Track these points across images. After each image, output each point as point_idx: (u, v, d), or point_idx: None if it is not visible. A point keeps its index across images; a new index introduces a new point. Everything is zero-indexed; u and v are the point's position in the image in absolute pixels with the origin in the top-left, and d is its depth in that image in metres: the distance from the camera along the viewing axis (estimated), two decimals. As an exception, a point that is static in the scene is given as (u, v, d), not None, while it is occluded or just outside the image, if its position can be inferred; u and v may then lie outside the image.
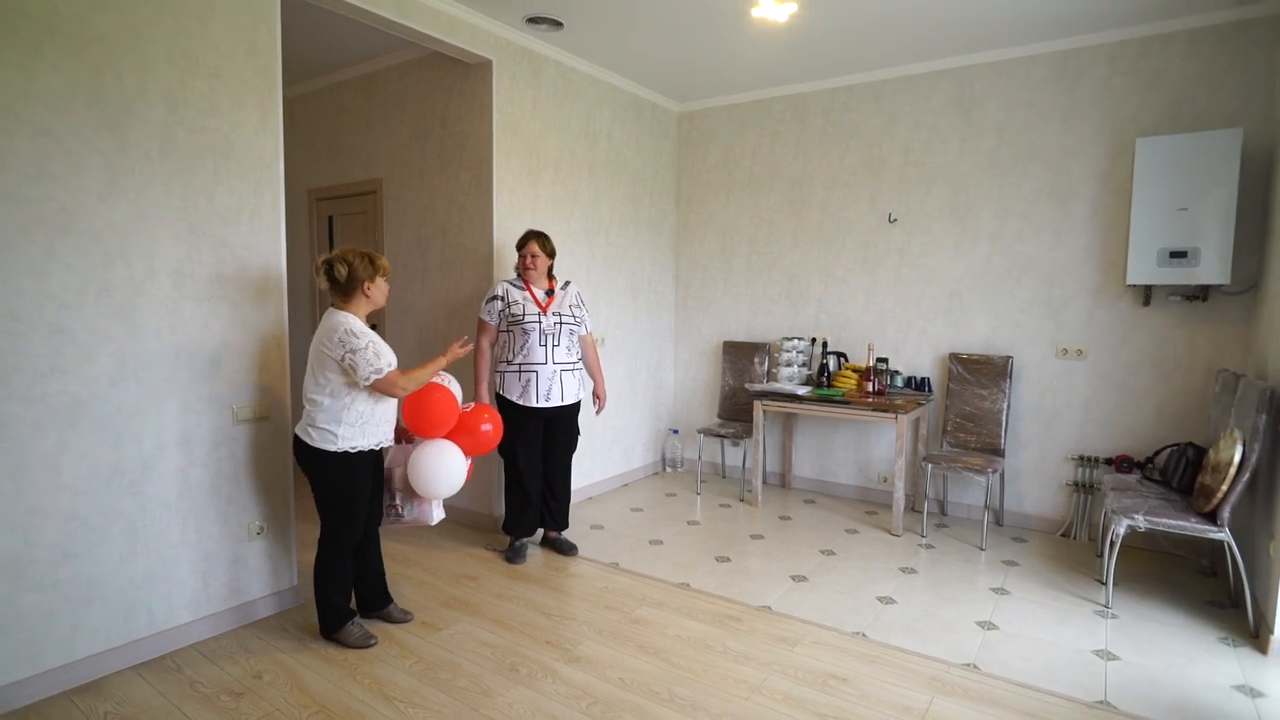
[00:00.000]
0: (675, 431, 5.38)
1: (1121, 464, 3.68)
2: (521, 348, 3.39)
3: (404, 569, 3.41)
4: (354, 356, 2.44)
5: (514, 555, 3.54)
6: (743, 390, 4.95)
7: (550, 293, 3.51)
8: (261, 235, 2.79)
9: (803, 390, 4.31)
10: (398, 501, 2.88)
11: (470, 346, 2.83)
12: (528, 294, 3.44)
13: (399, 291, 4.33)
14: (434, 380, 2.86)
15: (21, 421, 2.21)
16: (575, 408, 3.61)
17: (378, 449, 2.65)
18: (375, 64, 4.32)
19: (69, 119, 2.26)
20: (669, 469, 5.39)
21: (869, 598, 3.14)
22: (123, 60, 2.37)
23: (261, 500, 2.86)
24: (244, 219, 2.74)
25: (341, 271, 2.51)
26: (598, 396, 3.80)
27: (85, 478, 2.36)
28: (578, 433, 3.69)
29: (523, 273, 3.46)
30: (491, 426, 2.96)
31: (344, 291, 2.56)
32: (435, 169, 4.08)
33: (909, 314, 4.46)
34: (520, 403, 3.39)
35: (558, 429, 3.57)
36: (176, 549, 2.61)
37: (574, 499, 4.52)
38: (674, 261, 5.41)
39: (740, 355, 5.05)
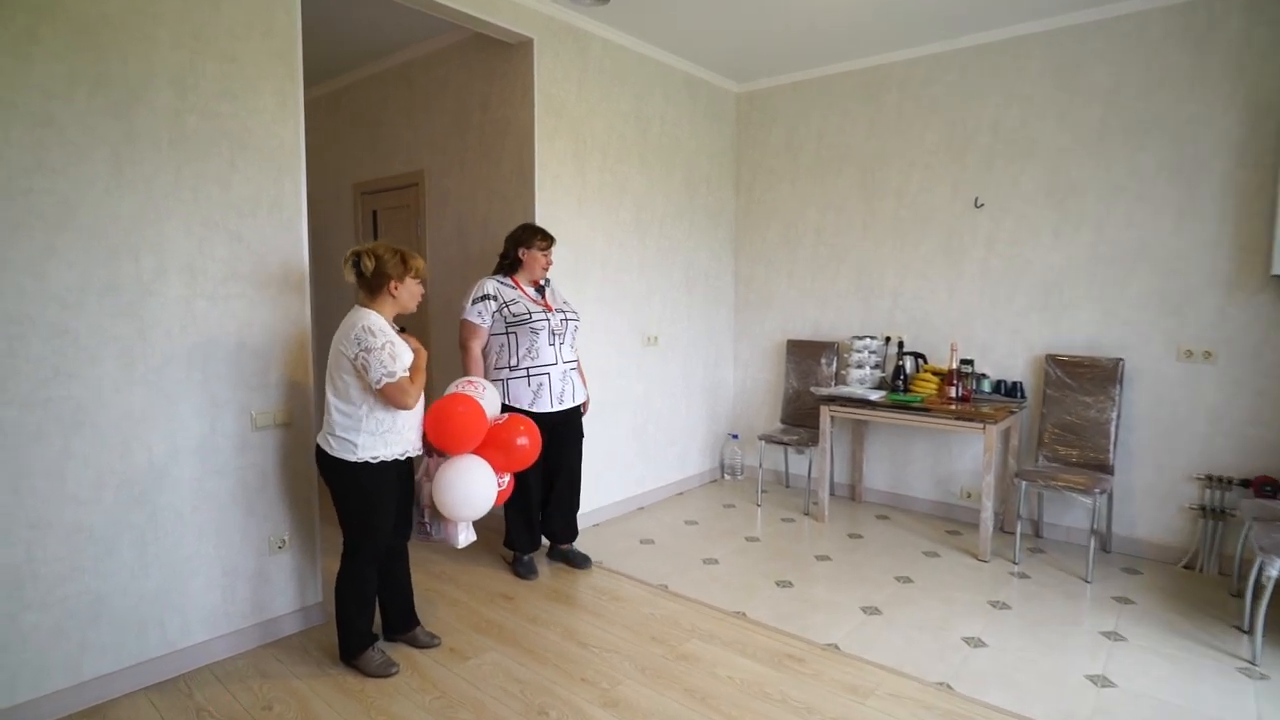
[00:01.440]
0: (734, 436, 5.03)
1: (1263, 487, 3.11)
2: (529, 350, 3.11)
3: (439, 585, 3.20)
4: (368, 356, 2.21)
5: (524, 570, 3.29)
6: (808, 393, 4.55)
7: (540, 290, 3.22)
8: (282, 228, 2.61)
9: (875, 395, 3.88)
10: (426, 519, 2.65)
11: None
12: (520, 292, 3.15)
13: (439, 287, 4.13)
14: (460, 390, 2.62)
15: (22, 428, 2.07)
16: (579, 410, 3.33)
17: (404, 459, 2.41)
18: (416, 50, 4.13)
19: (71, 107, 2.11)
20: (728, 476, 5.04)
21: (954, 638, 2.72)
22: (128, 43, 2.21)
23: (285, 511, 2.68)
24: (262, 211, 2.56)
25: (368, 265, 2.29)
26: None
27: (91, 487, 2.21)
28: (583, 436, 3.40)
29: (534, 272, 3.15)
30: (529, 440, 2.68)
31: (370, 287, 2.34)
32: (476, 158, 3.86)
33: (999, 310, 3.96)
34: (533, 410, 3.11)
35: (566, 433, 3.29)
36: (192, 562, 2.45)
37: (623, 509, 4.24)
38: (733, 254, 5.05)
39: (805, 355, 4.64)
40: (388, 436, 2.34)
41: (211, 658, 2.51)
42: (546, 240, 3.15)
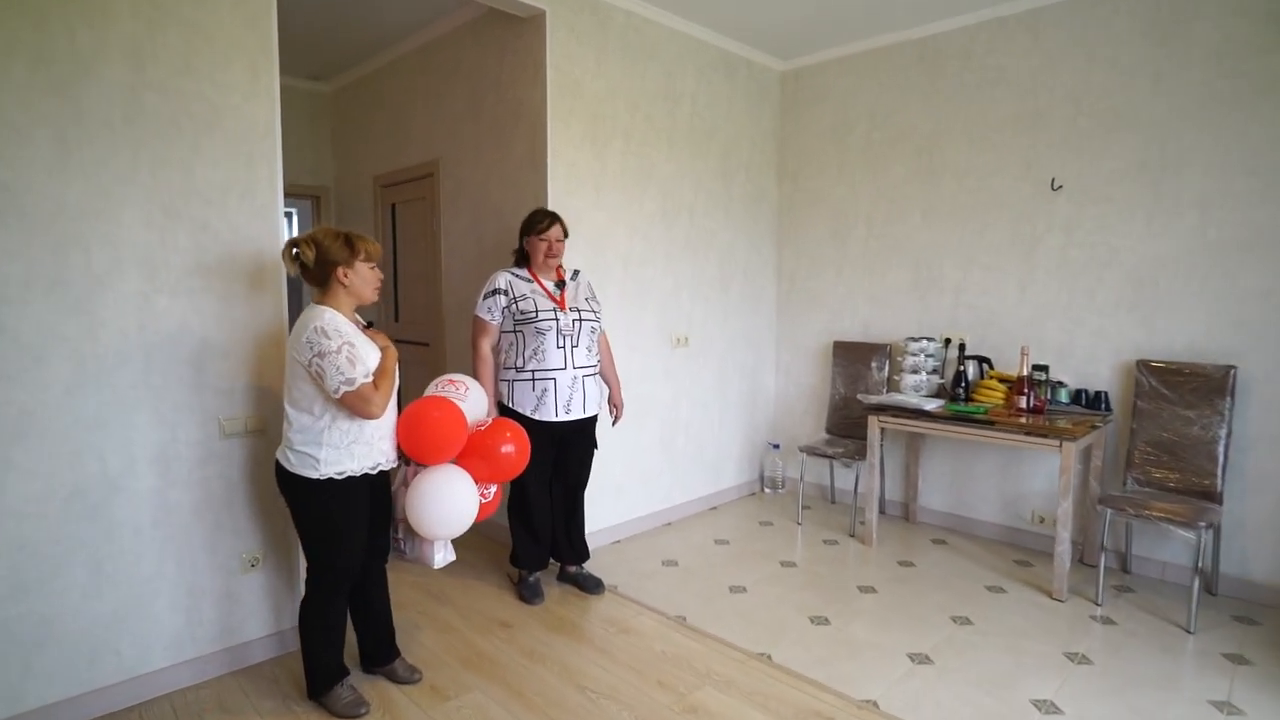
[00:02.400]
0: (775, 446, 4.61)
1: None
2: (535, 351, 2.81)
3: (433, 605, 2.93)
4: (322, 362, 1.94)
5: (528, 593, 2.98)
6: (856, 401, 4.11)
7: (561, 285, 2.90)
8: (255, 217, 2.38)
9: (932, 404, 3.42)
10: (399, 534, 2.38)
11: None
12: (536, 286, 2.85)
13: (454, 282, 3.89)
14: (438, 391, 2.33)
15: (-47, 436, 1.89)
16: (594, 420, 3.00)
17: (375, 472, 2.14)
18: (432, 31, 3.89)
19: (7, 82, 1.91)
20: (767, 489, 4.63)
21: (1021, 699, 2.28)
22: (73, 10, 2.00)
23: (257, 527, 2.46)
24: (232, 199, 2.33)
25: (308, 254, 2.02)
26: (614, 405, 3.16)
27: (36, 501, 2.02)
28: (595, 448, 3.06)
29: (537, 262, 2.86)
30: (514, 448, 2.38)
31: (317, 279, 2.07)
32: (490, 142, 3.58)
33: (1078, 308, 3.44)
34: (536, 417, 2.81)
35: (574, 446, 2.97)
36: (152, 583, 2.24)
37: (648, 525, 3.89)
38: (775, 247, 4.63)
39: (854, 358, 4.20)
40: (354, 449, 2.07)
41: (172, 686, 2.30)
42: (545, 221, 2.84)
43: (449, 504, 2.19)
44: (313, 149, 4.85)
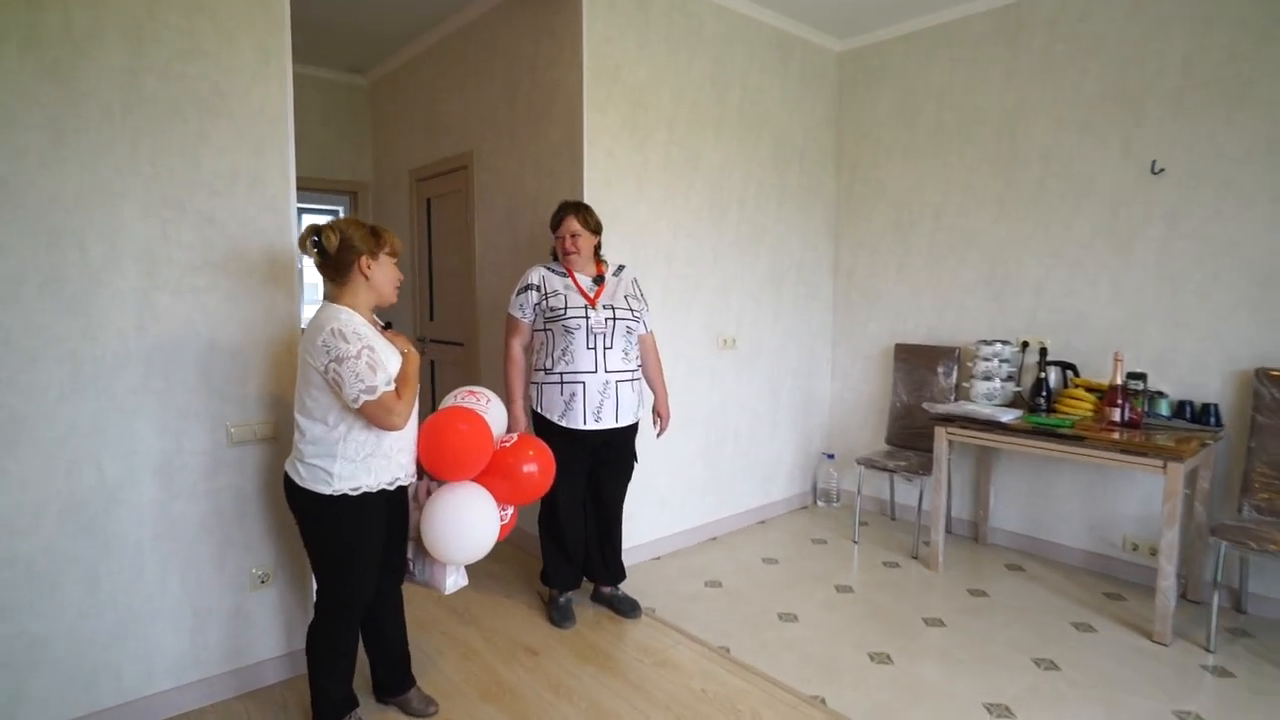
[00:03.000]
0: (830, 456, 4.28)
1: None
2: (564, 352, 2.57)
3: (457, 626, 2.74)
4: (339, 368, 1.75)
5: (558, 616, 2.75)
6: (921, 410, 3.75)
7: (599, 280, 2.66)
8: (265, 208, 2.21)
9: (1009, 416, 3.05)
10: (409, 554, 2.18)
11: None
12: (570, 282, 2.62)
13: (488, 278, 3.70)
14: (460, 402, 2.12)
15: (-60, 444, 1.77)
16: (632, 430, 2.73)
17: (392, 488, 1.94)
18: (468, 14, 3.70)
19: (-2, 63, 1.78)
20: (820, 503, 4.30)
21: (1123, 772, 1.93)
22: (68, -14, 1.86)
23: (268, 541, 2.30)
24: (240, 189, 2.17)
25: (331, 240, 1.83)
26: (659, 414, 2.88)
27: (29, 513, 1.89)
28: (634, 461, 2.81)
29: (562, 257, 2.64)
30: (538, 468, 2.14)
31: (336, 271, 1.88)
32: (525, 129, 3.37)
33: (1184, 309, 3.01)
34: (562, 424, 2.58)
35: (609, 459, 2.73)
36: (154, 601, 2.10)
37: (691, 539, 3.63)
38: (832, 242, 4.30)
39: (918, 363, 3.84)
40: (371, 463, 1.87)
41: (175, 710, 2.15)
42: (559, 214, 2.62)
43: (470, 527, 1.98)
44: (352, 144, 4.75)
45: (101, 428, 1.98)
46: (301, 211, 7.52)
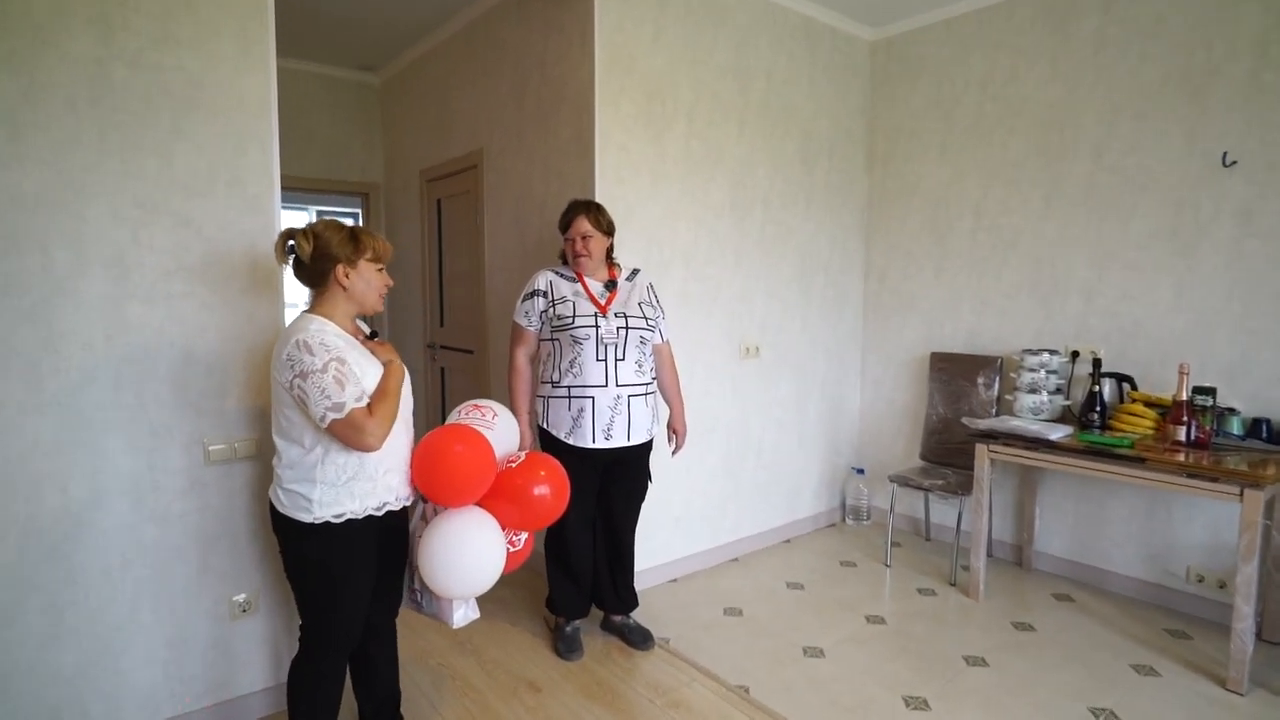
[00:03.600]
0: (859, 471, 4.03)
1: None
2: (571, 364, 2.38)
3: (455, 658, 2.56)
4: (304, 383, 1.57)
5: (564, 647, 2.56)
6: (959, 424, 3.48)
7: (611, 285, 2.46)
8: (246, 210, 2.06)
9: (1059, 433, 2.78)
10: (415, 584, 1.99)
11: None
12: (580, 287, 2.42)
13: (498, 285, 3.52)
14: (462, 419, 1.94)
15: (-115, 465, 1.63)
16: (646, 448, 2.53)
17: (381, 514, 1.75)
18: (476, 8, 3.53)
19: (-49, 52, 1.64)
20: (849, 520, 4.05)
21: None
22: (27, -32, 1.72)
23: (251, 566, 2.14)
24: (219, 189, 2.01)
25: (304, 247, 1.66)
26: (674, 431, 2.67)
27: (-14, 539, 1.75)
28: (648, 482, 2.60)
29: (572, 260, 2.45)
30: (549, 490, 1.93)
31: (310, 279, 1.71)
32: (534, 127, 3.19)
33: (1258, 315, 2.72)
34: (570, 442, 2.39)
35: (620, 479, 2.53)
36: (124, 631, 1.95)
37: (711, 560, 3.41)
38: (862, 242, 4.05)
39: (956, 373, 3.57)
40: (354, 487, 1.69)
41: (147, 750, 2.00)
42: (568, 214, 2.43)
43: (469, 558, 1.78)
44: (363, 145, 4.62)
45: (65, 446, 1.83)
46: (320, 215, 7.50)
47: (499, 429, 1.99)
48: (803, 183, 3.66)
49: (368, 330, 1.81)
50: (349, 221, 1.77)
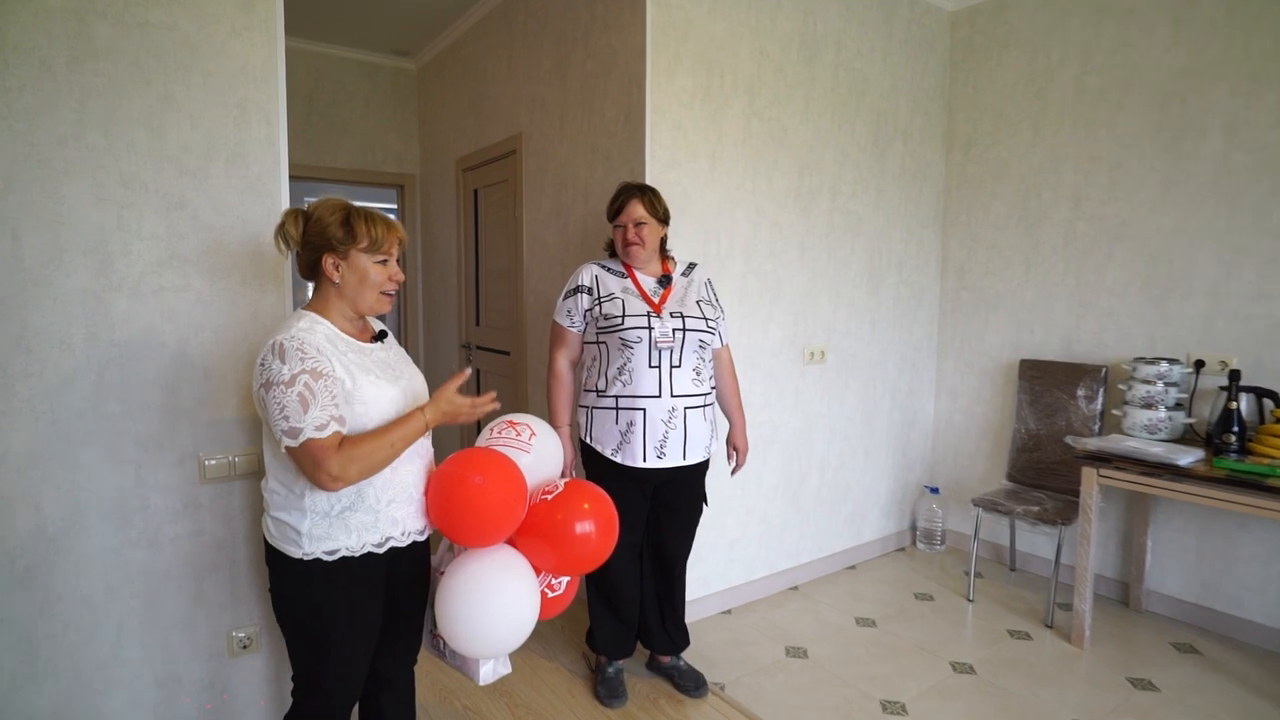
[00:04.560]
0: (933, 490, 3.62)
1: None
2: (620, 371, 2.06)
3: (484, 701, 2.27)
4: (267, 395, 1.30)
5: (605, 691, 2.25)
6: (1055, 441, 3.06)
7: (665, 281, 2.13)
8: (248, 191, 1.80)
9: (1188, 458, 2.36)
10: (437, 629, 1.70)
11: (495, 404, 1.55)
12: (630, 283, 2.10)
13: (537, 281, 3.24)
14: (491, 440, 1.64)
15: None
16: (703, 469, 2.21)
17: (382, 550, 1.46)
18: (517, -20, 3.26)
19: (-93, 4, 1.42)
20: (920, 544, 3.64)
21: None
22: (-5, -92, 1.49)
23: (253, 596, 1.89)
24: (217, 167, 1.76)
25: (291, 231, 1.39)
26: (735, 447, 2.34)
27: (-53, 566, 1.53)
28: (704, 505, 2.27)
29: (622, 251, 2.13)
30: (594, 527, 1.60)
31: (305, 270, 1.44)
32: (577, 106, 2.90)
33: None
34: (618, 461, 2.08)
35: (673, 503, 2.21)
36: (108, 669, 1.72)
37: (767, 589, 3.07)
38: (938, 235, 3.64)
39: (1051, 383, 3.14)
40: (350, 519, 1.40)
41: (132, 806, 1.76)
42: (619, 199, 2.12)
43: (494, 613, 1.48)
44: (398, 135, 4.40)
45: (40, 459, 1.60)
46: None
47: (538, 451, 1.68)
48: (874, 169, 3.28)
49: (376, 329, 1.52)
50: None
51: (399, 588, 1.54)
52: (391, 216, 1.44)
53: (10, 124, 1.52)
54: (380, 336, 1.51)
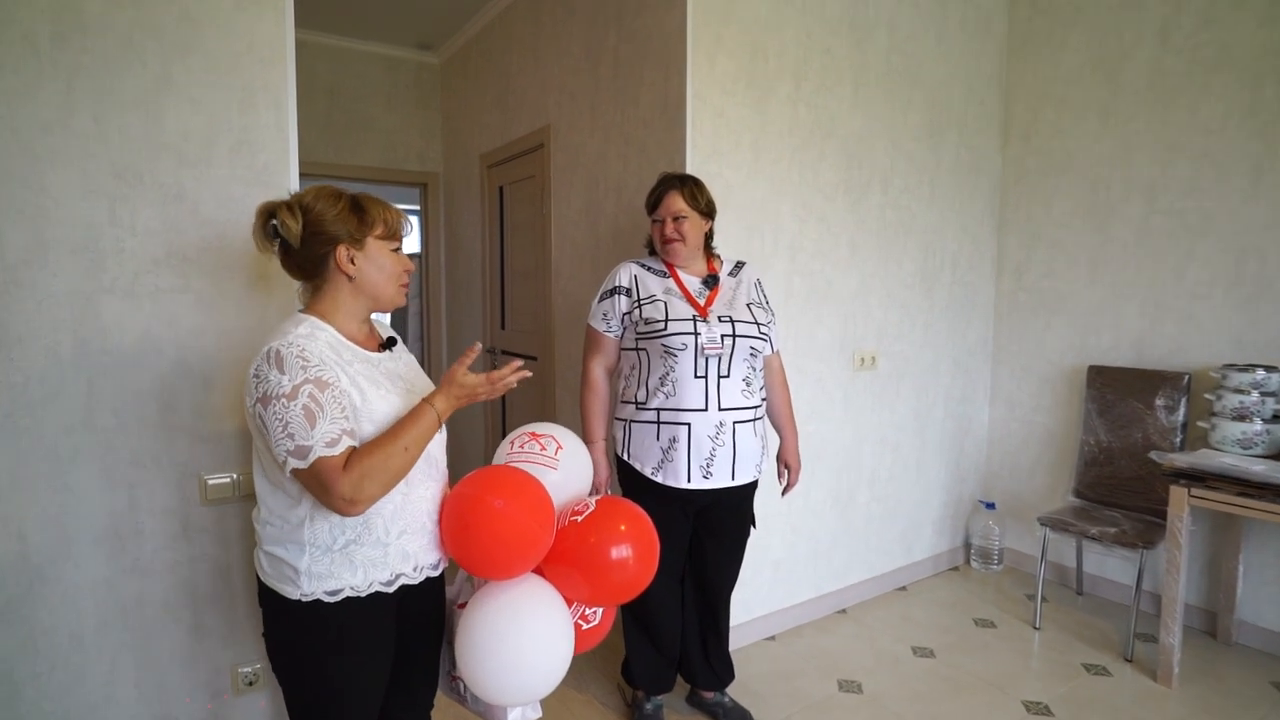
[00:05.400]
0: (989, 505, 3.37)
1: None
2: (663, 381, 1.86)
3: (511, 737, 2.08)
4: (265, 412, 1.11)
5: None
6: (1129, 455, 2.80)
7: (712, 281, 1.93)
8: (254, 183, 1.64)
9: (1298, 477, 2.09)
10: (457, 670, 1.51)
11: (521, 373, 1.34)
12: (673, 283, 1.91)
13: (566, 282, 3.05)
14: (514, 455, 1.45)
15: None
16: (751, 489, 2.00)
17: (393, 590, 1.26)
18: (545, -36, 3.08)
19: (-127, -28, 1.27)
20: (975, 563, 3.39)
21: None
22: None
23: (256, 631, 1.70)
24: (219, 155, 1.60)
25: (291, 226, 1.20)
26: (787, 465, 2.13)
27: (-80, 599, 1.38)
28: (752, 528, 2.06)
29: (662, 248, 1.93)
30: (631, 553, 1.39)
31: (305, 268, 1.25)
32: (609, 96, 2.71)
33: None
34: (659, 480, 1.88)
35: (718, 527, 2.00)
36: (99, 711, 1.56)
37: (813, 612, 2.85)
38: (994, 232, 3.39)
39: (1124, 392, 2.88)
40: (355, 553, 1.21)
41: None
42: (656, 191, 1.92)
43: (523, 656, 1.29)
44: (421, 131, 4.25)
45: (23, 480, 1.44)
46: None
47: (565, 466, 1.49)
48: (927, 161, 3.05)
49: (384, 335, 1.34)
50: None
51: (411, 628, 1.35)
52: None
53: (-11, 107, 1.37)
54: (389, 344, 1.33)
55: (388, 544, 1.24)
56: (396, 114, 4.15)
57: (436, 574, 1.34)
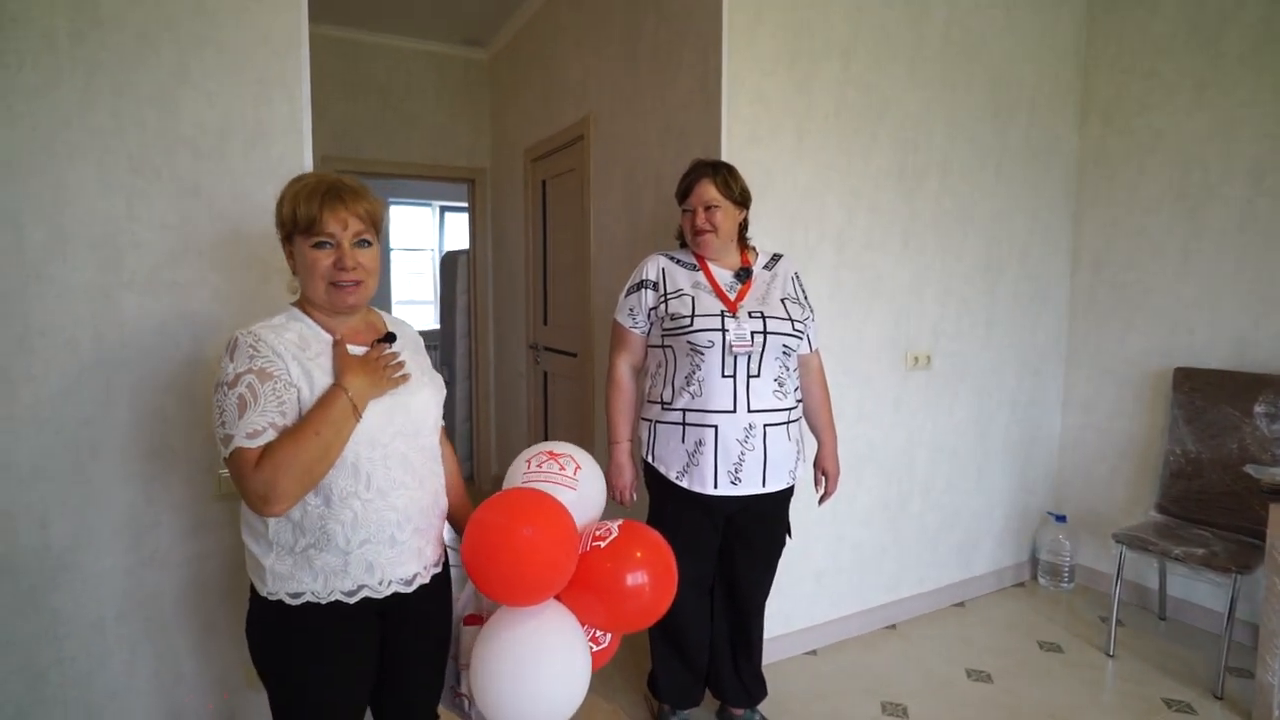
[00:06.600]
0: (1059, 518, 3.10)
1: None
2: (689, 380, 1.76)
3: (531, 744, 2.02)
4: (214, 397, 1.11)
5: None
6: (1222, 467, 2.52)
7: (744, 274, 1.80)
8: (270, 177, 1.62)
9: None
10: (462, 686, 1.45)
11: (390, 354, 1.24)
12: (702, 277, 1.80)
13: (604, 278, 2.98)
14: (533, 476, 1.37)
15: None
16: (785, 496, 1.86)
17: (354, 601, 1.18)
18: (586, -49, 3.01)
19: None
20: (1043, 580, 3.13)
21: None
22: None
23: (275, 623, 1.71)
24: (235, 148, 1.59)
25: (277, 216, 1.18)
26: (825, 471, 1.98)
27: (-53, 584, 1.42)
28: (787, 537, 1.93)
29: (692, 239, 1.81)
30: (648, 579, 1.31)
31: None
32: (648, 81, 2.61)
33: None
34: (684, 485, 1.77)
35: (749, 536, 1.88)
36: (119, 699, 1.58)
37: (860, 627, 2.69)
38: (1069, 221, 3.11)
39: (1216, 396, 2.59)
40: (314, 558, 1.15)
41: None
42: (688, 179, 1.81)
43: (542, 684, 1.23)
44: (470, 127, 4.25)
45: (44, 472, 1.47)
46: (445, 211, 7.16)
47: (584, 487, 1.41)
48: (992, 145, 2.82)
49: (384, 332, 1.28)
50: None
51: (402, 643, 1.28)
52: (364, 186, 1.19)
53: (10, 104, 1.39)
54: (388, 339, 1.27)
55: (348, 553, 1.16)
56: (445, 110, 4.17)
57: (409, 590, 1.25)
